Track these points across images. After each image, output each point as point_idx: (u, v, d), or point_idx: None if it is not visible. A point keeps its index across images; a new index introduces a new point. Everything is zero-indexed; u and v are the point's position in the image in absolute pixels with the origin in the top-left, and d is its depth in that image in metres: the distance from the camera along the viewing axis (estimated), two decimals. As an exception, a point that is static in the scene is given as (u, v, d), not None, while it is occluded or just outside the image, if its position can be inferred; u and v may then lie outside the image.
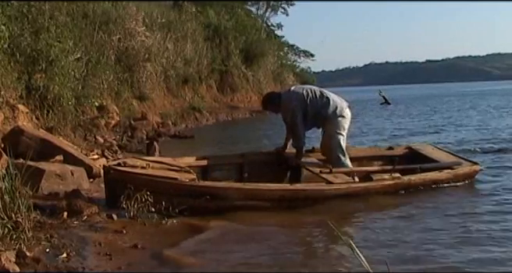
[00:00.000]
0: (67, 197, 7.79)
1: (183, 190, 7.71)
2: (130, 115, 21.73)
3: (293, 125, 9.44)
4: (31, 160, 7.78)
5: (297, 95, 9.47)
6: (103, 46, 21.43)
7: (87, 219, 7.13)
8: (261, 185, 8.66)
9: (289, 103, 9.42)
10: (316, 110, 9.45)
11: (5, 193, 6.09)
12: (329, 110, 9.45)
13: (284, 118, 9.72)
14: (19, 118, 13.13)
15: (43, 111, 15.13)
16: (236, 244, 6.85)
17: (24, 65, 14.99)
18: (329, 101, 9.50)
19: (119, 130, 19.00)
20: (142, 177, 7.63)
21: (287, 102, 9.46)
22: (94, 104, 18.53)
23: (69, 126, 15.69)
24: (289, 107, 9.39)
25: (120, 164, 7.99)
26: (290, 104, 9.40)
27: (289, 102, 9.43)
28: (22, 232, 5.89)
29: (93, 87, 18.86)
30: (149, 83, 25.60)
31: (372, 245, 6.48)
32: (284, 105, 9.50)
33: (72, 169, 9.32)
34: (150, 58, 25.84)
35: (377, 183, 9.07)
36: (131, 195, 7.20)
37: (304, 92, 9.50)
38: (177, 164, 8.53)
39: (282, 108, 9.56)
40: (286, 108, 9.46)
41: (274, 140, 10.22)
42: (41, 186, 8.47)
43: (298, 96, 9.45)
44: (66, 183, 8.86)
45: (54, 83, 15.44)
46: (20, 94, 14.41)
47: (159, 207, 7.24)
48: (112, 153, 14.14)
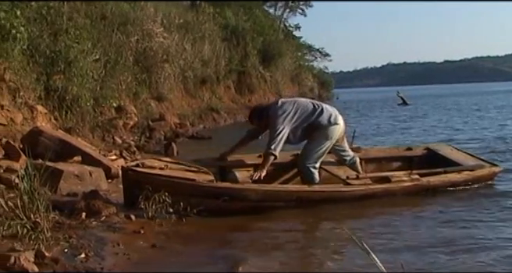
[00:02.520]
0: (85, 198, 7.81)
1: (201, 191, 7.72)
2: (148, 115, 21.74)
3: (273, 132, 8.71)
4: (50, 160, 7.81)
5: (285, 110, 8.86)
6: (121, 47, 21.45)
7: (105, 219, 7.15)
8: (278, 186, 8.69)
9: (278, 118, 8.78)
10: (309, 121, 8.94)
11: (23, 194, 6.13)
12: (324, 119, 8.99)
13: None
14: (38, 119, 13.18)
15: (61, 112, 15.18)
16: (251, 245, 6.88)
17: (43, 67, 15.04)
18: (323, 110, 9.07)
19: (137, 131, 19.02)
20: (160, 178, 7.64)
21: (275, 117, 8.82)
22: (113, 105, 18.55)
23: (88, 127, 15.73)
24: (277, 122, 8.73)
25: (138, 165, 8.00)
26: (277, 118, 8.78)
27: (277, 117, 8.80)
28: (40, 233, 5.92)
29: (111, 88, 18.89)
30: (167, 84, 25.61)
31: (388, 247, 6.46)
32: (271, 119, 8.88)
33: (90, 170, 9.35)
34: (168, 59, 25.84)
35: (395, 185, 9.04)
36: (149, 196, 7.21)
37: (295, 105, 8.95)
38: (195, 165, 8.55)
39: (269, 123, 8.91)
40: (273, 121, 8.80)
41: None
42: (60, 186, 8.50)
43: (287, 110, 8.86)
44: (85, 184, 8.90)
45: (72, 84, 15.49)
46: (39, 95, 14.47)
47: (177, 208, 7.26)
48: (130, 153, 14.17)
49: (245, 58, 37.17)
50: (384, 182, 9.05)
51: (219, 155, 9.36)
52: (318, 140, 9.02)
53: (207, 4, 34.32)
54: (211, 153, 10.13)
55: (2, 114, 12.04)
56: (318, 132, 9.00)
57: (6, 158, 9.94)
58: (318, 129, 8.98)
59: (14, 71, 13.09)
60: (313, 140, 9.06)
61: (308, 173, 9.02)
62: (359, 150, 10.45)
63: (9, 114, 12.25)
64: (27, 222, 5.97)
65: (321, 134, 9.00)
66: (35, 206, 6.12)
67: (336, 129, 9.09)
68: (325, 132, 9.00)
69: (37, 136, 10.55)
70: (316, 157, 9.01)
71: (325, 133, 9.00)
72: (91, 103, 16.53)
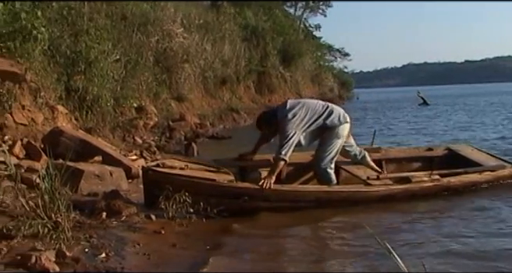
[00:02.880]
0: (106, 198, 7.83)
1: (221, 191, 7.72)
2: (168, 115, 21.80)
3: (284, 137, 8.49)
4: (70, 160, 7.84)
5: (295, 113, 8.67)
6: (141, 47, 21.50)
7: (125, 219, 7.17)
8: (298, 186, 8.68)
9: (288, 122, 8.58)
10: (320, 123, 8.81)
11: (45, 193, 6.15)
12: (334, 119, 8.88)
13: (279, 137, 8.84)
14: (59, 119, 13.23)
15: (82, 112, 15.24)
16: (273, 246, 6.88)
17: (64, 67, 15.11)
18: (332, 110, 8.95)
19: (158, 131, 19.07)
20: (180, 178, 7.64)
21: (285, 121, 8.62)
22: (133, 105, 18.61)
23: (108, 127, 15.78)
24: (287, 126, 8.53)
25: (159, 165, 8.01)
26: (288, 122, 8.58)
27: (287, 121, 8.59)
28: (61, 232, 5.94)
29: (131, 88, 18.95)
30: (187, 84, 25.67)
31: (410, 247, 6.43)
32: (281, 123, 8.66)
33: (111, 170, 9.38)
34: (188, 59, 25.90)
35: (416, 185, 9.00)
36: (169, 196, 7.21)
37: (304, 107, 8.77)
38: (215, 165, 8.55)
39: (279, 127, 8.71)
40: (283, 126, 8.60)
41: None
42: (80, 186, 8.54)
43: (297, 113, 8.68)
44: (105, 184, 8.93)
45: (93, 85, 15.55)
46: (60, 95, 14.53)
47: (197, 208, 7.25)
48: (151, 154, 14.20)
49: (265, 58, 37.19)
50: (404, 183, 9.01)
51: (239, 155, 9.33)
52: (329, 141, 8.93)
53: (227, 4, 34.34)
54: (231, 153, 10.11)
55: (23, 114, 12.10)
56: (329, 133, 8.92)
57: (27, 158, 9.99)
58: (329, 129, 8.90)
59: (35, 71, 13.15)
60: (325, 140, 8.97)
61: (325, 174, 8.95)
62: (379, 150, 10.42)
63: (30, 114, 12.31)
64: (48, 222, 5.99)
65: (332, 134, 8.92)
66: (56, 206, 6.14)
67: (346, 128, 9.02)
68: (335, 131, 8.92)
69: (58, 136, 10.59)
70: (330, 158, 8.94)
71: (336, 133, 8.92)
72: (112, 103, 16.59)
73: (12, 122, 11.60)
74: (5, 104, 11.45)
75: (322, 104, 9.11)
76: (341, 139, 8.96)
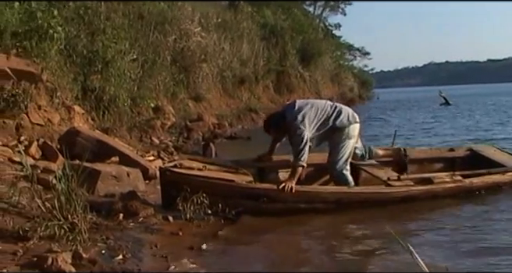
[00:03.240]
0: (123, 199, 7.84)
1: (240, 192, 7.71)
2: (186, 116, 21.81)
3: (299, 142, 8.41)
4: (87, 161, 7.84)
5: (305, 113, 8.61)
6: (159, 47, 21.53)
7: (142, 221, 7.18)
8: (318, 187, 8.67)
9: (297, 122, 8.54)
10: (329, 123, 8.75)
11: (61, 194, 6.16)
12: (344, 119, 8.82)
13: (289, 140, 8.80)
14: (75, 120, 13.28)
15: (98, 112, 15.28)
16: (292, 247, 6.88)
17: (80, 67, 15.17)
18: (341, 110, 8.89)
19: (175, 131, 19.08)
20: (198, 179, 7.64)
21: (295, 123, 8.56)
22: (150, 105, 18.62)
23: (125, 127, 15.81)
24: (299, 128, 8.48)
25: (176, 165, 8.02)
26: (298, 123, 8.53)
27: (296, 122, 8.55)
28: (78, 234, 5.95)
29: (148, 88, 18.98)
30: (205, 84, 25.68)
31: (432, 249, 6.40)
32: (291, 125, 8.60)
33: (128, 170, 9.39)
34: (206, 58, 25.90)
35: (438, 186, 8.96)
36: (187, 197, 7.22)
37: (313, 108, 8.71)
38: (233, 166, 8.54)
39: (289, 129, 8.65)
40: (294, 128, 8.54)
41: None
42: (97, 187, 8.55)
43: (307, 114, 8.62)
44: (122, 185, 8.93)
45: (109, 84, 15.60)
46: (76, 95, 14.58)
47: (215, 210, 7.25)
48: (168, 154, 14.21)
49: (284, 57, 37.13)
50: (426, 184, 8.97)
51: (257, 156, 9.32)
52: (341, 142, 8.86)
53: (245, 3, 34.32)
54: (249, 153, 10.10)
55: (40, 114, 12.15)
56: (340, 134, 8.84)
57: (43, 159, 10.03)
58: (339, 130, 8.82)
59: (51, 71, 13.20)
60: (336, 142, 8.89)
61: (341, 177, 8.88)
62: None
63: (47, 114, 12.36)
64: (65, 223, 6.00)
65: (343, 135, 8.85)
66: (72, 207, 6.14)
67: (356, 128, 8.98)
68: (346, 132, 8.85)
69: (75, 137, 10.63)
70: (344, 160, 8.87)
71: (347, 133, 8.86)
72: (129, 103, 16.63)
73: (29, 122, 11.65)
74: (21, 105, 11.49)
75: (330, 104, 9.06)
76: (353, 139, 8.93)
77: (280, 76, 36.61)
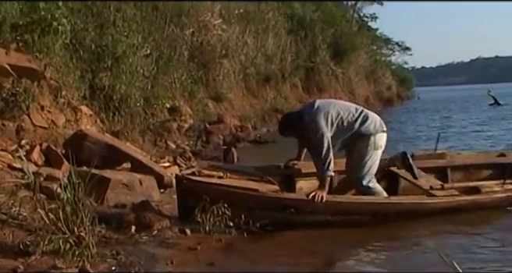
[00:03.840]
0: (135, 209, 7.86)
1: (265, 203, 7.68)
2: (205, 117, 21.81)
3: (320, 150, 8.22)
4: (95, 167, 7.83)
5: (326, 113, 8.39)
6: (175, 41, 21.56)
7: (157, 234, 7.17)
8: (352, 197, 8.58)
9: (317, 123, 8.31)
10: (353, 128, 8.54)
11: (66, 205, 6.16)
12: (371, 125, 8.62)
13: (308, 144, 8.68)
14: (82, 121, 13.32)
15: (108, 114, 15.31)
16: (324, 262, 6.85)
17: (88, 63, 15.20)
18: (368, 115, 8.68)
19: (193, 135, 19.10)
20: (219, 188, 7.63)
21: (314, 122, 8.35)
22: (165, 106, 18.62)
23: (138, 130, 15.84)
24: (317, 127, 8.28)
25: (194, 173, 8.04)
26: (318, 124, 8.31)
27: (316, 122, 8.33)
28: (85, 248, 5.95)
29: (164, 87, 19.00)
30: (226, 82, 25.67)
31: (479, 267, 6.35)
32: (310, 126, 8.39)
33: (140, 178, 9.40)
34: (227, 54, 25.89)
35: (486, 196, 8.88)
36: (206, 208, 7.21)
37: (336, 109, 8.51)
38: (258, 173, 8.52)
39: (308, 131, 8.42)
40: (314, 129, 8.33)
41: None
42: (107, 196, 8.56)
43: (327, 114, 8.39)
44: (134, 194, 8.94)
45: (120, 82, 15.62)
46: (83, 95, 14.61)
47: (238, 222, 7.23)
48: (185, 160, 14.22)
49: (314, 52, 37.09)
50: (473, 193, 8.90)
51: (284, 162, 9.21)
52: (366, 153, 8.62)
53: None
54: (275, 159, 10.06)
55: (43, 116, 12.19)
56: (365, 142, 8.61)
57: (47, 165, 10.06)
58: (364, 137, 8.60)
59: (56, 68, 13.23)
60: (360, 152, 8.64)
61: (370, 191, 8.65)
62: (443, 156, 10.26)
63: (50, 115, 12.40)
64: (70, 237, 6.00)
65: (369, 144, 8.62)
66: (79, 218, 6.15)
67: (384, 137, 8.76)
68: (372, 141, 8.62)
69: (82, 141, 10.64)
70: (371, 172, 8.67)
71: (373, 143, 8.62)
72: (142, 103, 16.64)
73: (30, 124, 11.69)
74: (22, 105, 11.53)
75: (356, 107, 8.85)
76: (379, 150, 8.71)
77: (309, 73, 36.57)
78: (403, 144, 18.71)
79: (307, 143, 8.64)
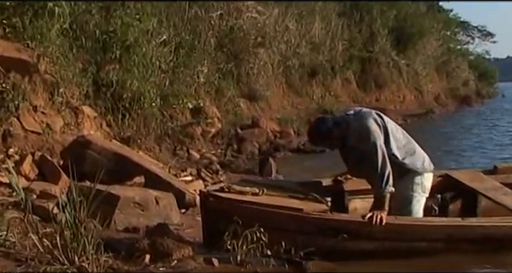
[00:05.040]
0: (150, 234, 7.87)
1: (311, 225, 7.65)
2: (236, 120, 21.83)
3: (374, 162, 8.05)
4: (101, 182, 7.86)
5: (375, 119, 8.31)
6: (199, 26, 21.61)
7: (176, 265, 7.17)
8: (418, 219, 8.50)
9: (368, 129, 8.17)
10: (399, 155, 8.29)
11: (65, 228, 6.18)
12: (418, 160, 8.43)
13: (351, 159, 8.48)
14: (85, 125, 13.38)
15: (116, 116, 15.36)
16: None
17: (91, 53, 15.27)
18: (415, 147, 8.53)
19: (221, 142, 19.13)
20: (253, 207, 7.60)
21: (363, 127, 8.20)
22: (187, 106, 18.67)
23: (153, 136, 15.89)
24: (368, 134, 8.13)
25: (223, 188, 7.99)
26: (370, 129, 8.16)
27: (367, 128, 8.18)
28: (88, 282, 5.96)
29: (185, 83, 19.06)
30: (262, 77, 25.67)
31: None
32: (361, 133, 8.21)
33: (156, 195, 9.41)
34: (264, 42, 25.88)
35: None
36: (238, 232, 7.19)
37: (387, 120, 8.43)
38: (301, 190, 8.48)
39: (361, 141, 8.21)
40: (364, 137, 8.17)
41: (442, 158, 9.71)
42: (115, 218, 8.58)
43: (377, 120, 8.31)
44: (149, 215, 8.96)
45: (132, 77, 15.68)
46: (86, 92, 14.67)
47: (277, 250, 7.21)
48: (212, 173, 14.26)
49: (371, 39, 37.05)
50: None
51: (333, 176, 9.18)
52: (413, 194, 8.41)
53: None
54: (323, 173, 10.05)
55: (36, 118, 12.25)
56: (410, 180, 8.40)
57: (41, 179, 10.10)
58: (409, 174, 8.39)
59: (51, 59, 13.29)
60: (406, 192, 8.39)
61: None
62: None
63: (45, 118, 12.46)
64: (70, 268, 6.02)
65: (416, 183, 8.42)
66: (81, 245, 6.16)
67: (430, 179, 8.59)
68: (420, 180, 8.44)
69: (84, 149, 10.71)
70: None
71: (421, 183, 8.44)
72: (158, 103, 16.69)
73: (20, 129, 11.76)
74: (9, 105, 11.58)
75: (402, 131, 8.69)
76: (426, 194, 8.54)
77: (366, 65, 36.52)
78: (480, 154, 18.67)
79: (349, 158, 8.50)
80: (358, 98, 34.71)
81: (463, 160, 18.57)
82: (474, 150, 20.78)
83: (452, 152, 20.63)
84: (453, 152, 20.70)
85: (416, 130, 26.80)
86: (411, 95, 39.16)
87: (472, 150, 21.63)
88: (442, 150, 19.24)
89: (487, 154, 19.12)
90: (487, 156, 17.99)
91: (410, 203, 8.35)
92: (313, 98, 30.02)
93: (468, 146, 22.86)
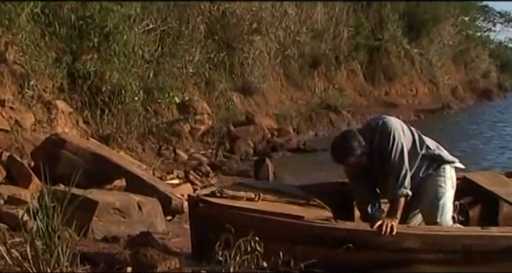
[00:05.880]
0: (132, 244, 7.88)
1: (312, 235, 7.65)
2: (229, 117, 21.83)
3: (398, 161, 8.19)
4: (77, 186, 7.84)
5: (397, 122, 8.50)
6: (187, 11, 21.61)
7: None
8: (433, 227, 8.50)
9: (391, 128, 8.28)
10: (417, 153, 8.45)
11: (37, 238, 6.17)
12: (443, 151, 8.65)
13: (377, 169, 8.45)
14: (59, 122, 13.38)
15: (95, 112, 15.37)
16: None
17: (66, 41, 15.28)
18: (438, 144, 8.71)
19: (212, 141, 19.15)
20: (248, 214, 7.61)
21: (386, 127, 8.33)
22: (174, 101, 18.65)
23: (135, 134, 15.90)
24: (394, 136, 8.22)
25: (214, 193, 7.99)
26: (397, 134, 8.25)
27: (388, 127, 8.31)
28: (63, 299, 5.97)
29: (171, 74, 19.07)
30: (258, 68, 25.66)
31: None
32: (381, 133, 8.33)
33: (139, 201, 9.43)
34: (259, 28, 25.88)
35: None
36: (231, 241, 7.19)
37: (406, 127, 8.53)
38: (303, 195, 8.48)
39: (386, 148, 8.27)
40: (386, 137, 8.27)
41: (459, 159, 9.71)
42: (92, 226, 8.60)
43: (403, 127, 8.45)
44: (130, 222, 8.98)
45: (111, 68, 15.67)
46: (60, 85, 14.67)
47: (275, 261, 7.22)
48: (202, 176, 14.29)
49: (380, 26, 37.02)
50: None
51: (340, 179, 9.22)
52: (444, 186, 8.50)
53: None
54: (326, 175, 10.06)
55: (3, 114, 12.26)
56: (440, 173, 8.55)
57: (9, 182, 10.09)
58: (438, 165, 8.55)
59: (21, 48, 13.29)
60: (437, 184, 8.50)
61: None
62: None
63: (14, 114, 12.46)
64: (42, 282, 6.02)
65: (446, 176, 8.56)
66: (54, 256, 6.16)
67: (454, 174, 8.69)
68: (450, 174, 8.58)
69: (58, 149, 10.71)
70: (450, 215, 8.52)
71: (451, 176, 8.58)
72: (141, 97, 16.69)
73: (-15, 126, 11.76)
74: (-28, 99, 11.60)
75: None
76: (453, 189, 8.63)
77: (374, 55, 36.45)
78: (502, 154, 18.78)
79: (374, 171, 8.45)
80: (365, 92, 34.66)
81: (482, 161, 18.62)
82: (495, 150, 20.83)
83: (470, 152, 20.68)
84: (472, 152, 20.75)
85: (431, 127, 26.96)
86: (425, 88, 39.12)
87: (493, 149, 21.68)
88: (459, 149, 19.25)
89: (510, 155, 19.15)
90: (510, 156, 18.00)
91: (442, 196, 8.42)
92: (314, 92, 29.99)
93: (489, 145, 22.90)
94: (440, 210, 8.35)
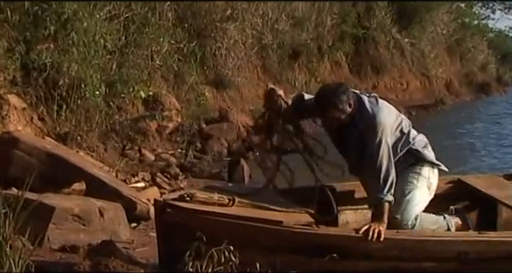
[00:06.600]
0: (92, 254, 7.86)
1: (293, 242, 7.65)
2: (200, 113, 21.83)
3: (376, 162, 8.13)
4: (31, 190, 7.83)
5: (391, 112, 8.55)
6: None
7: (126, 292, 7.18)
8: (426, 232, 8.53)
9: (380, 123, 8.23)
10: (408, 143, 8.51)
11: (-15, 247, 6.16)
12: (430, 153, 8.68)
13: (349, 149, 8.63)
14: (11, 119, 13.34)
15: (51, 107, 15.34)
16: None
17: (19, 29, 15.22)
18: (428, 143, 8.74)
19: (182, 140, 19.13)
20: (221, 220, 7.60)
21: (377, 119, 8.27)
22: (139, 95, 18.64)
23: (96, 133, 15.87)
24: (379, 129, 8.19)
25: (184, 197, 7.98)
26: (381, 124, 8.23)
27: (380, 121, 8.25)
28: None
29: (136, 66, 19.04)
30: (232, 59, 25.68)
31: None
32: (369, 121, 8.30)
33: (100, 206, 9.41)
34: (234, 15, 25.90)
35: None
36: (202, 251, 7.19)
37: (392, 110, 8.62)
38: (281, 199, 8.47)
39: (364, 125, 8.31)
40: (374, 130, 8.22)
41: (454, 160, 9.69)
42: (48, 234, 8.58)
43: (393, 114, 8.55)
44: (91, 230, 8.97)
45: (69, 59, 15.64)
46: (12, 78, 14.62)
47: (251, 272, 7.21)
48: (170, 178, 14.29)
49: (367, 14, 37.09)
50: None
51: None
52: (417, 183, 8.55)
53: None
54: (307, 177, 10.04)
55: None
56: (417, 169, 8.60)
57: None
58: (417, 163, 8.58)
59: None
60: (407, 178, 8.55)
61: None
62: None
63: (-42, 110, 12.43)
64: (-9, 297, 6.00)
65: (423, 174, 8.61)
66: (6, 268, 6.14)
67: (437, 180, 8.76)
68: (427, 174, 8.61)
69: (10, 149, 10.69)
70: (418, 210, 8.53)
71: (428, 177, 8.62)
72: (102, 92, 16.66)
73: None
74: None
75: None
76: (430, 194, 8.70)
77: (360, 45, 36.51)
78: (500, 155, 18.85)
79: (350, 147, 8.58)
80: (351, 85, 34.44)
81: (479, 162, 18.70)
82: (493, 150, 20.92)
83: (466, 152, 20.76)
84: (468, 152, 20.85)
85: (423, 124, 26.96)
86: (416, 82, 39.25)
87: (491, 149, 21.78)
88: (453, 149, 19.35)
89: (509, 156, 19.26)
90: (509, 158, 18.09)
91: (410, 192, 8.44)
92: (295, 85, 29.98)
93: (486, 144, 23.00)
94: (403, 206, 8.35)
